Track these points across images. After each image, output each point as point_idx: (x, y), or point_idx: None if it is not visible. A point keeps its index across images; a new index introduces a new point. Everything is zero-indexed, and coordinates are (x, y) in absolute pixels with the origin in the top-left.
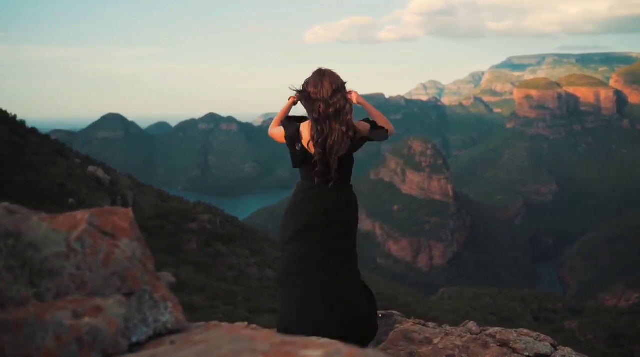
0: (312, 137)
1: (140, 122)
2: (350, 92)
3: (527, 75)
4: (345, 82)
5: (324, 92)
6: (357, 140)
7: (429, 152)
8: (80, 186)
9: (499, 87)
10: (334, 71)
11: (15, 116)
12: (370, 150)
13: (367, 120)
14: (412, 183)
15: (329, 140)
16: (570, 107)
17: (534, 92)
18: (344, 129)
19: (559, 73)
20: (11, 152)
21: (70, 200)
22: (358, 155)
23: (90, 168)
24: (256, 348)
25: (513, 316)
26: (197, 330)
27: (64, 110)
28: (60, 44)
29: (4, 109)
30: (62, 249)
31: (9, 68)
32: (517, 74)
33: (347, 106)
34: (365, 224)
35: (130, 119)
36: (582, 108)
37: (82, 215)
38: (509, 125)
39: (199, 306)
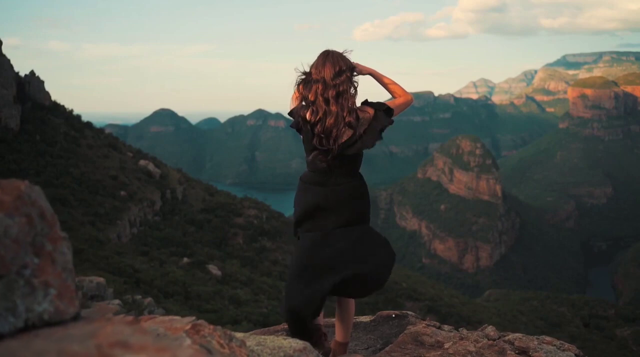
0: (309, 120)
1: (190, 118)
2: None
3: (583, 74)
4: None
5: (324, 73)
6: (365, 138)
7: (477, 151)
8: (131, 179)
9: (552, 86)
10: (342, 53)
11: (72, 110)
12: (417, 149)
13: (370, 103)
14: (460, 183)
15: (326, 124)
16: (628, 107)
17: (589, 91)
18: (344, 114)
19: (617, 71)
20: (68, 145)
21: (122, 192)
22: (406, 153)
23: (142, 162)
24: (66, 350)
25: (562, 321)
26: (78, 324)
27: (118, 105)
28: (115, 42)
29: (61, 103)
30: None
31: (71, 65)
32: (571, 72)
33: (352, 90)
34: (411, 223)
35: (180, 114)
36: None
37: None
38: (561, 126)
39: (244, 300)
